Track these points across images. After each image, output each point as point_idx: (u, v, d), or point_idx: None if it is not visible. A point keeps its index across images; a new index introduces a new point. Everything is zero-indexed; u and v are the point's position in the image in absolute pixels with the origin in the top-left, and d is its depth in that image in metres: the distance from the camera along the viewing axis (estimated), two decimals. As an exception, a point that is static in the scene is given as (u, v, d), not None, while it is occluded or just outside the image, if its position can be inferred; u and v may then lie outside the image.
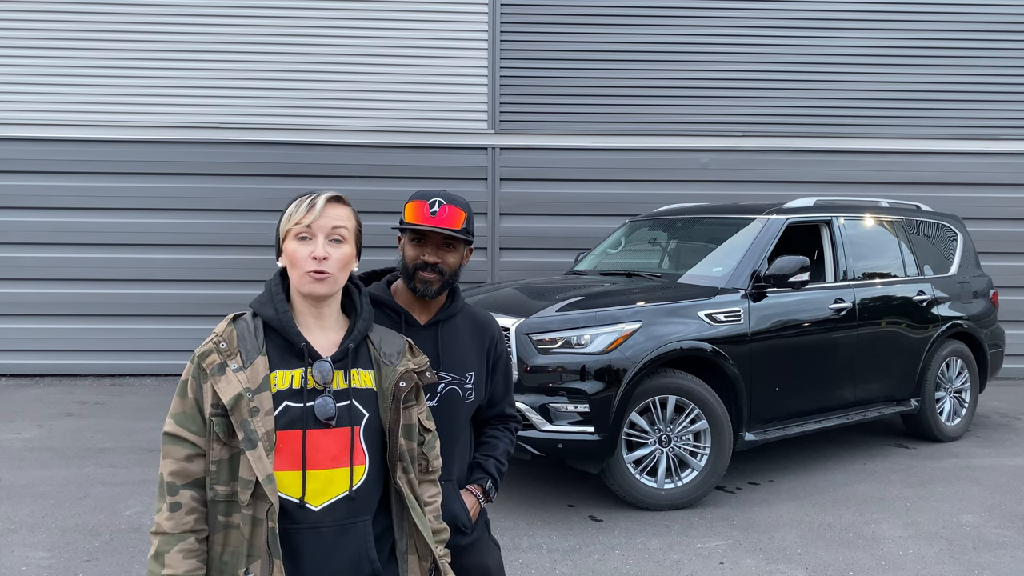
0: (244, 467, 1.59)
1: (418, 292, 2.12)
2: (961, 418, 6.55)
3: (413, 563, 1.74)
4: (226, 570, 1.60)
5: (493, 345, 2.26)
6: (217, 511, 1.61)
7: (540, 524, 4.58)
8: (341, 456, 1.65)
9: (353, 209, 1.78)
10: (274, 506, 1.56)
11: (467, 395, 2.17)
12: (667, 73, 9.02)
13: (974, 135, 9.19)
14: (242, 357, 1.64)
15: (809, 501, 5.00)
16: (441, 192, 2.12)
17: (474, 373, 2.19)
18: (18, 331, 8.63)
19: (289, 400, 1.64)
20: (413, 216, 2.08)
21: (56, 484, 5.12)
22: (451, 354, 2.15)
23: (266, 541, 1.57)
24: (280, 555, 1.57)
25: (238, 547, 1.59)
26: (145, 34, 8.68)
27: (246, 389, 1.60)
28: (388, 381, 1.73)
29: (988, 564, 4.08)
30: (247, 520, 1.58)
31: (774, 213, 5.69)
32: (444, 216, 2.07)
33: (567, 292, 5.17)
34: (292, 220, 1.70)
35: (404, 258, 2.14)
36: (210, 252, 8.69)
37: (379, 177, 8.73)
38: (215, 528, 1.61)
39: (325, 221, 1.69)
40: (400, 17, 8.87)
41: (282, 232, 1.73)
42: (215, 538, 1.61)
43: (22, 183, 8.60)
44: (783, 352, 5.26)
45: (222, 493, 1.60)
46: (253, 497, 1.58)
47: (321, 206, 1.69)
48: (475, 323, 2.25)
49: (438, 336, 2.15)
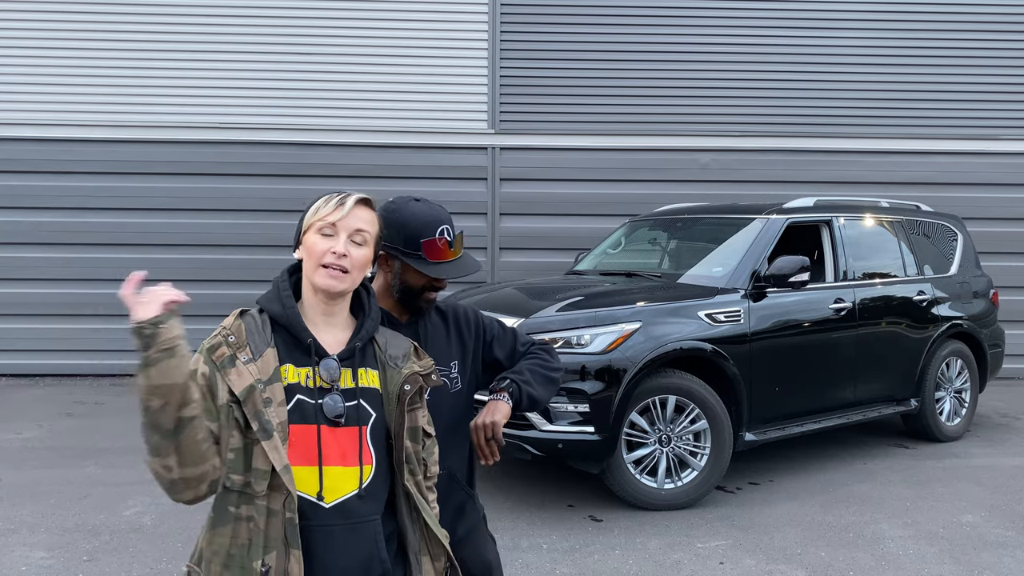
0: (258, 457, 1.57)
1: (421, 312, 2.16)
2: (961, 418, 6.55)
3: (427, 564, 1.74)
4: (233, 564, 1.58)
5: (466, 324, 2.28)
6: (229, 501, 1.59)
7: (540, 524, 4.58)
8: (350, 455, 1.65)
9: (378, 215, 1.79)
10: (292, 495, 1.56)
11: (454, 384, 2.19)
12: (667, 73, 9.02)
13: (974, 135, 9.19)
14: (251, 349, 1.63)
15: (809, 501, 5.00)
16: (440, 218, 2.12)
17: (457, 362, 2.21)
18: (18, 331, 8.63)
19: (301, 395, 1.64)
20: (436, 255, 2.09)
21: (56, 484, 5.12)
22: (433, 348, 2.17)
23: (283, 532, 1.56)
24: (299, 545, 1.56)
25: (249, 540, 1.57)
26: (145, 34, 8.68)
27: (257, 380, 1.59)
28: (394, 384, 1.73)
29: (988, 564, 4.08)
30: (262, 511, 1.57)
31: (774, 213, 5.69)
32: (458, 244, 2.15)
33: (567, 292, 5.17)
34: (319, 215, 1.70)
35: (407, 281, 2.12)
36: (210, 252, 8.69)
37: (379, 177, 8.72)
38: (225, 520, 1.60)
39: (351, 221, 1.70)
40: (400, 17, 8.87)
41: (305, 224, 1.73)
42: (224, 530, 1.59)
43: (22, 183, 8.60)
44: (783, 352, 5.26)
45: (238, 483, 1.58)
46: (269, 488, 1.57)
47: (350, 206, 1.70)
48: (448, 314, 2.28)
49: (419, 333, 2.17)
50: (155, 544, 4.20)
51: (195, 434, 1.50)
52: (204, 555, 1.62)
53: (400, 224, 2.09)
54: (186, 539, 4.27)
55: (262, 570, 1.55)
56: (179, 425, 1.47)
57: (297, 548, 1.56)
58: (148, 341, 1.43)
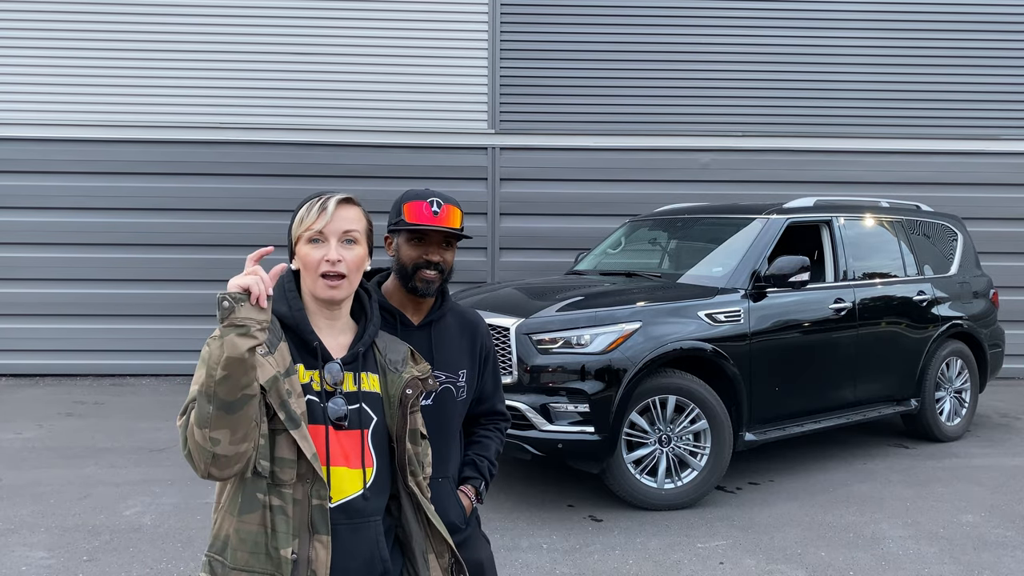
0: (282, 447, 1.59)
1: (419, 292, 2.13)
2: (961, 418, 6.55)
3: (433, 561, 1.76)
4: (259, 551, 1.58)
5: (482, 342, 2.29)
6: (258, 488, 1.59)
7: (540, 524, 4.58)
8: (353, 457, 1.67)
9: (363, 209, 1.79)
10: (321, 480, 1.58)
11: (460, 393, 2.20)
12: (667, 73, 9.02)
13: (974, 135, 9.19)
14: (266, 344, 1.63)
15: (809, 501, 5.00)
16: (435, 191, 2.14)
17: (466, 371, 2.22)
18: (18, 331, 8.63)
19: (310, 395, 1.66)
20: (415, 216, 2.09)
21: (56, 484, 5.12)
22: (444, 353, 2.18)
23: (308, 520, 1.58)
24: (328, 531, 1.58)
25: (275, 528, 1.58)
26: (145, 34, 8.68)
27: (278, 372, 1.61)
28: (395, 388, 1.75)
29: (988, 564, 4.08)
30: (289, 500, 1.58)
31: (774, 213, 5.69)
32: (445, 215, 2.10)
33: (567, 292, 5.17)
34: (304, 225, 1.71)
35: (401, 258, 2.14)
36: (210, 252, 8.68)
37: (379, 177, 8.73)
38: (252, 507, 1.59)
39: (337, 224, 1.71)
40: (400, 17, 8.87)
41: (294, 235, 1.74)
42: (251, 517, 1.59)
43: (22, 183, 8.60)
44: (783, 352, 5.26)
45: (267, 468, 1.59)
46: (296, 477, 1.59)
47: (332, 209, 1.70)
48: (463, 322, 2.27)
49: (431, 336, 2.17)
50: (155, 544, 4.20)
51: (251, 412, 1.51)
52: (230, 543, 1.60)
53: (396, 201, 2.16)
54: (186, 539, 4.27)
55: (292, 557, 1.56)
56: (240, 400, 1.48)
57: (326, 534, 1.58)
58: (225, 313, 1.45)
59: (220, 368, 1.44)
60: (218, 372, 1.45)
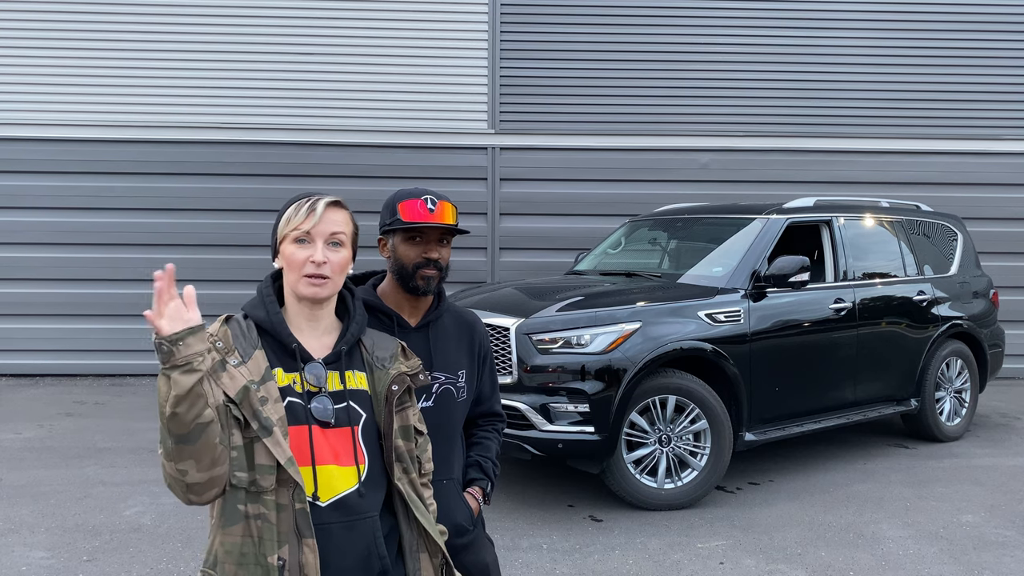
0: (260, 454, 1.59)
1: (420, 290, 2.12)
2: (961, 418, 6.55)
3: (424, 561, 1.76)
4: (246, 561, 1.59)
5: (480, 342, 2.29)
6: (237, 500, 1.60)
7: (540, 524, 4.58)
8: (345, 454, 1.67)
9: (350, 213, 1.79)
10: (300, 486, 1.58)
11: (460, 393, 2.20)
12: (667, 73, 9.02)
13: (974, 135, 9.19)
14: (239, 353, 1.65)
15: (809, 501, 5.00)
16: (427, 189, 2.14)
17: (465, 371, 2.22)
18: (18, 331, 8.63)
19: (291, 397, 1.66)
20: (411, 215, 2.08)
21: (56, 484, 5.12)
22: (443, 354, 2.17)
23: (294, 525, 1.58)
24: (313, 534, 1.58)
25: (261, 536, 1.59)
26: (145, 34, 8.68)
27: (251, 381, 1.61)
28: (381, 385, 1.76)
29: (988, 564, 4.08)
30: (271, 507, 1.59)
31: (774, 213, 5.69)
32: (441, 212, 2.10)
33: (567, 292, 5.17)
34: (291, 224, 1.71)
35: (400, 258, 2.13)
36: (210, 252, 8.68)
37: (379, 177, 8.73)
38: (235, 519, 1.60)
39: (324, 226, 1.70)
40: (400, 17, 8.87)
41: (280, 235, 1.74)
42: (234, 529, 1.60)
43: (22, 183, 8.60)
44: (783, 352, 5.26)
45: (244, 480, 1.59)
46: (277, 483, 1.59)
47: (321, 211, 1.70)
48: (461, 322, 2.27)
49: (429, 337, 2.17)
50: (155, 544, 4.20)
51: (211, 438, 1.52)
52: (218, 557, 1.62)
53: (387, 202, 2.15)
54: (186, 539, 4.27)
55: (278, 564, 1.57)
56: (195, 430, 1.49)
57: (311, 537, 1.58)
58: (166, 357, 1.45)
59: (169, 406, 1.46)
60: (167, 409, 1.46)
